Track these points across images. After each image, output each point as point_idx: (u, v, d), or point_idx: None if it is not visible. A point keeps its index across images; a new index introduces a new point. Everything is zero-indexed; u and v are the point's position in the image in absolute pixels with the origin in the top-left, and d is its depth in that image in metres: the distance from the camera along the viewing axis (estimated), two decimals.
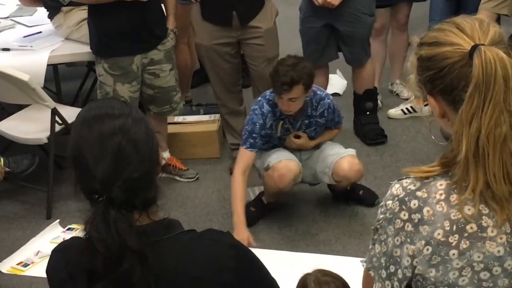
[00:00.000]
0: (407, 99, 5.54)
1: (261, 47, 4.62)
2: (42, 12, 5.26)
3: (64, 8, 4.84)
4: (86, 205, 1.59)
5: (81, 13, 4.72)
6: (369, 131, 5.10)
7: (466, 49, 1.55)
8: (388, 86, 5.83)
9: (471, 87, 1.52)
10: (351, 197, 4.41)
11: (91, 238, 1.53)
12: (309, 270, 2.75)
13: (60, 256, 1.71)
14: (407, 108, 5.41)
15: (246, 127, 4.09)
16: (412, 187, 1.64)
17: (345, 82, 5.98)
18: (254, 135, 4.05)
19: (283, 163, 4.08)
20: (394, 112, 5.44)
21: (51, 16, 4.97)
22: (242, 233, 3.81)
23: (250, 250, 1.73)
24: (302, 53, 5.01)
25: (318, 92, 4.14)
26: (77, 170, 1.61)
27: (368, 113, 5.15)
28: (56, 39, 4.90)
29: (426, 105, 5.61)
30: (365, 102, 5.14)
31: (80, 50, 4.74)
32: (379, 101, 5.42)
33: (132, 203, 1.57)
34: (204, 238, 1.68)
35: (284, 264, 3.83)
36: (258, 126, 4.06)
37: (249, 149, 4.06)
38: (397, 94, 5.75)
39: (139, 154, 1.59)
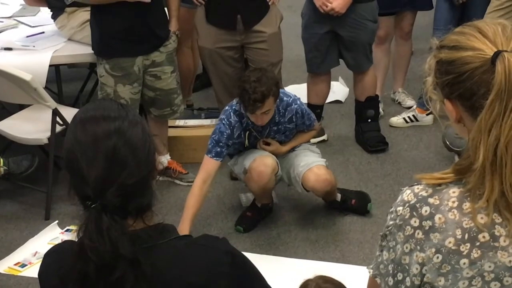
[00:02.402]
0: (409, 108, 5.54)
1: (265, 51, 4.61)
2: (45, 12, 5.26)
3: (68, 9, 4.83)
4: (82, 209, 1.55)
5: (85, 14, 4.71)
6: (370, 138, 5.09)
7: (488, 55, 1.51)
8: (391, 95, 5.82)
9: (493, 94, 1.47)
10: (344, 207, 4.38)
11: (84, 245, 1.49)
12: (309, 276, 2.73)
13: (53, 260, 1.69)
14: (409, 117, 5.40)
15: (213, 136, 4.04)
16: (424, 193, 1.61)
17: (347, 89, 5.97)
18: (220, 144, 4.00)
19: (258, 160, 4.05)
20: (396, 120, 5.43)
21: (54, 17, 4.96)
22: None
23: (246, 257, 1.70)
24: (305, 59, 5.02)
25: (285, 98, 4.07)
26: (71, 173, 1.57)
27: (369, 120, 5.14)
28: (58, 39, 4.89)
29: (428, 114, 5.58)
30: (367, 109, 5.13)
31: (83, 51, 4.73)
32: (380, 110, 5.41)
33: (126, 209, 1.53)
34: (199, 243, 1.65)
35: (283, 270, 3.82)
36: (225, 136, 4.01)
37: (214, 158, 4.01)
38: (399, 103, 5.74)
39: (135, 158, 1.54)
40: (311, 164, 4.10)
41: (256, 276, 1.70)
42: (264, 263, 1.75)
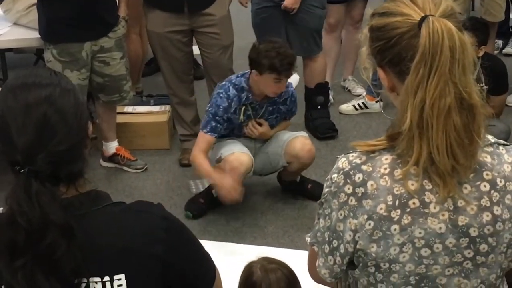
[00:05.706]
0: (359, 95, 5.57)
1: (215, 35, 4.56)
2: None
3: None
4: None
5: None
6: (320, 125, 5.10)
7: (416, 20, 1.54)
8: (341, 82, 5.85)
9: (418, 56, 1.50)
10: (299, 190, 4.38)
11: (13, 211, 1.48)
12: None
13: None
14: (358, 104, 5.43)
15: (209, 109, 4.02)
16: (357, 160, 1.62)
17: (298, 77, 5.96)
18: (217, 118, 3.98)
19: (235, 155, 4.02)
20: (346, 107, 5.46)
21: None
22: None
23: (181, 223, 1.69)
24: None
25: None
26: (0, 139, 1.55)
27: (319, 107, 5.15)
28: (3, 23, 4.82)
29: (377, 101, 5.57)
30: (316, 96, 5.14)
31: (29, 35, 4.66)
32: (330, 97, 5.43)
33: (57, 176, 1.53)
34: (134, 209, 1.64)
35: (231, 256, 3.80)
36: (221, 109, 3.99)
37: (209, 133, 4.00)
38: (349, 90, 5.77)
39: (66, 125, 1.54)
40: (296, 134, 4.17)
41: (192, 241, 1.70)
42: (212, 249, 1.74)
